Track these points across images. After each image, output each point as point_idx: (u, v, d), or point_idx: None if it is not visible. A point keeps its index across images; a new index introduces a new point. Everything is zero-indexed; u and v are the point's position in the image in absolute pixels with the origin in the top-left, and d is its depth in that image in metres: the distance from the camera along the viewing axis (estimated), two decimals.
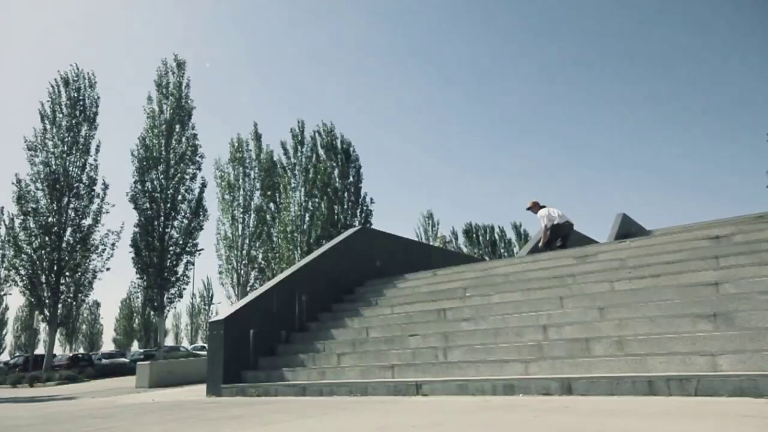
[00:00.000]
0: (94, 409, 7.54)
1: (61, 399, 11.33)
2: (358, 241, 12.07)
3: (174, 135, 27.19)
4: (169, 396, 9.12)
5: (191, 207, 26.77)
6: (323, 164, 33.14)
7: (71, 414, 6.97)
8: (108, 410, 7.18)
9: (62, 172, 26.51)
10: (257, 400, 7.28)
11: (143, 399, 8.79)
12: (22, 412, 7.92)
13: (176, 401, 7.90)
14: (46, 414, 7.27)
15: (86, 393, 12.80)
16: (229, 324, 8.70)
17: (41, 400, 11.63)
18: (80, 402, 9.50)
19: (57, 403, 9.80)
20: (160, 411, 6.55)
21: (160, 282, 25.35)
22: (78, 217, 26.73)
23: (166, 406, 7.14)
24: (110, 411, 7.00)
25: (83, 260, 26.54)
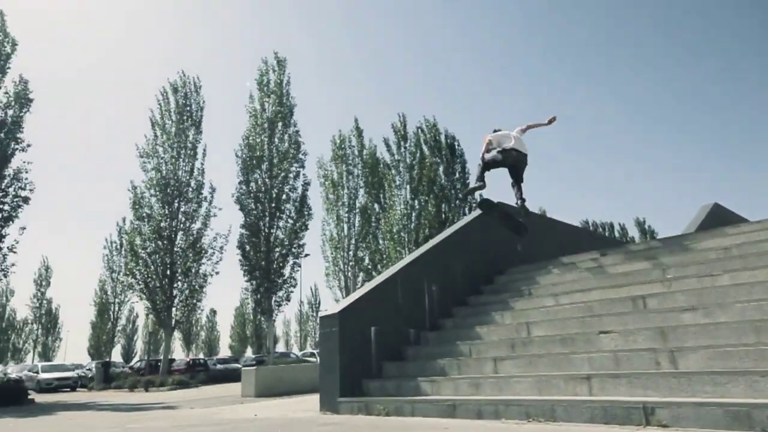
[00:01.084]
0: (182, 426, 5.84)
1: (160, 408, 10.06)
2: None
3: (276, 133, 26.42)
4: (275, 410, 7.32)
5: (295, 206, 25.76)
6: (428, 160, 31.22)
7: (156, 431, 5.36)
8: (200, 428, 5.46)
9: (172, 176, 26.64)
10: (390, 422, 5.18)
11: (244, 414, 7.05)
12: (101, 428, 6.47)
13: (283, 420, 6.04)
14: (125, 430, 5.72)
15: (191, 401, 11.52)
16: (345, 319, 6.74)
17: (142, 408, 10.45)
18: (175, 415, 7.99)
19: (151, 415, 8.38)
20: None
21: (267, 285, 24.48)
22: (188, 220, 26.72)
23: (270, 428, 5.27)
24: (201, 431, 5.25)
25: (194, 264, 26.43)
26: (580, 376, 4.83)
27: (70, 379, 28.74)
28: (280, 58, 27.76)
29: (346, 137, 31.53)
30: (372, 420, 5.45)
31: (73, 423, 7.75)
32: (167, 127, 27.57)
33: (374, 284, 7.40)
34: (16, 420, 9.55)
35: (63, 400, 16.87)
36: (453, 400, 5.34)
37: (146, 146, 27.14)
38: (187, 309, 27.21)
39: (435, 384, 5.96)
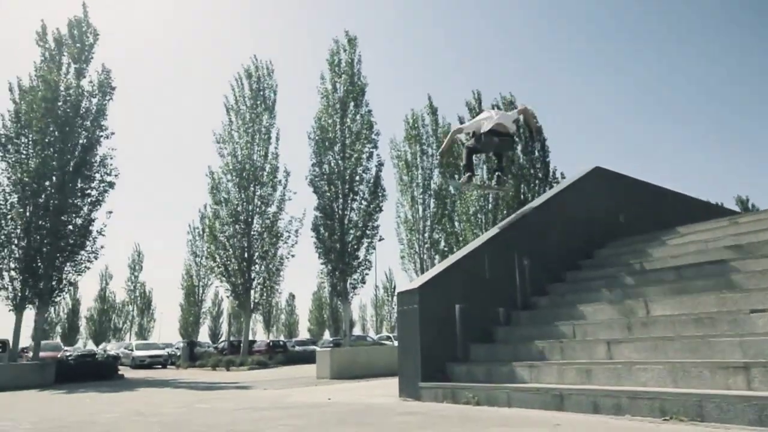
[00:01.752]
0: (251, 409, 5.30)
1: (234, 388, 9.77)
2: (591, 186, 8.55)
3: (348, 113, 25.91)
4: (349, 395, 6.68)
5: (369, 187, 25.20)
6: None
7: (218, 413, 4.83)
8: (265, 413, 4.88)
9: (247, 161, 26.87)
10: (484, 413, 4.34)
11: (317, 398, 6.45)
12: (169, 405, 6.09)
13: (358, 405, 5.36)
14: (191, 409, 5.25)
15: (266, 381, 11.23)
16: (427, 295, 5.93)
17: (216, 387, 10.23)
18: (246, 396, 7.57)
19: (223, 394, 8.02)
20: (333, 425, 3.97)
21: (342, 267, 24.17)
22: (264, 204, 26.89)
23: (343, 415, 4.59)
24: (265, 415, 4.66)
25: (271, 247, 26.64)
26: (733, 365, 3.76)
27: (161, 356, 30.10)
28: (351, 37, 27.15)
29: (419, 116, 30.58)
30: (461, 410, 4.64)
31: (147, 400, 7.51)
32: (241, 112, 27.79)
33: (458, 257, 6.55)
34: (100, 395, 9.59)
35: (149, 376, 17.36)
36: (559, 390, 4.42)
37: (222, 132, 27.49)
38: (266, 291, 27.58)
39: (534, 370, 5.05)
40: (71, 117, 19.71)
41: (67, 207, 19.14)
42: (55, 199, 19.02)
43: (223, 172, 27.00)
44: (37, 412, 6.11)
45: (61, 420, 4.73)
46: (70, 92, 20.06)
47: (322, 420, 4.23)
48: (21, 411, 6.43)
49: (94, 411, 5.77)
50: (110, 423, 4.46)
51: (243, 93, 28.14)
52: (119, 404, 6.93)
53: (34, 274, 18.86)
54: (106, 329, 63.90)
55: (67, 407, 6.75)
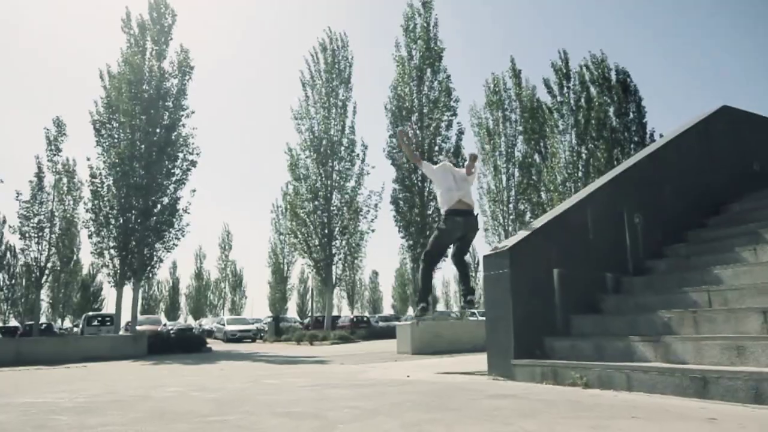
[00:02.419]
0: (320, 386, 4.69)
1: (311, 362, 9.37)
2: (718, 129, 7.13)
3: (425, 81, 24.91)
4: (431, 371, 5.93)
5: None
6: (597, 100, 27.58)
7: (284, 389, 4.26)
8: (333, 391, 4.24)
9: (325, 136, 26.64)
10: (600, 399, 3.41)
11: (395, 374, 5.76)
12: (237, 379, 5.64)
13: (440, 384, 4.58)
14: (257, 384, 4.74)
15: (345, 356, 10.79)
16: (519, 258, 5.00)
17: (294, 361, 9.91)
18: (321, 371, 7.06)
19: (298, 369, 7.57)
20: (408, 408, 3.22)
21: (423, 241, 23.47)
22: (342, 179, 26.63)
23: (421, 396, 3.84)
24: (332, 394, 4.02)
25: (351, 222, 26.42)
26: None
27: (250, 331, 31.08)
28: (426, 0, 25.91)
29: (501, 80, 28.86)
30: (568, 393, 3.73)
31: (219, 373, 7.21)
32: (317, 87, 27.51)
33: (556, 213, 5.55)
34: (181, 366, 9.55)
35: (235, 350, 17.64)
36: (701, 372, 3.39)
37: (299, 108, 27.39)
38: (347, 266, 27.58)
39: (659, 346, 4.03)
40: (154, 98, 20.23)
41: (155, 186, 19.77)
42: (143, 179, 19.67)
43: (301, 148, 27.00)
44: (105, 383, 5.89)
45: (118, 393, 4.35)
46: (152, 74, 20.57)
47: (395, 402, 3.50)
48: (91, 381, 6.29)
49: (159, 384, 5.44)
50: (165, 398, 3.99)
51: (318, 67, 27.84)
52: (189, 376, 6.65)
53: (128, 252, 19.72)
54: (203, 305, 67.50)
55: (136, 379, 6.54)
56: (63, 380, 6.21)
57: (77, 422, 2.99)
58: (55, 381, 6.23)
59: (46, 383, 6.38)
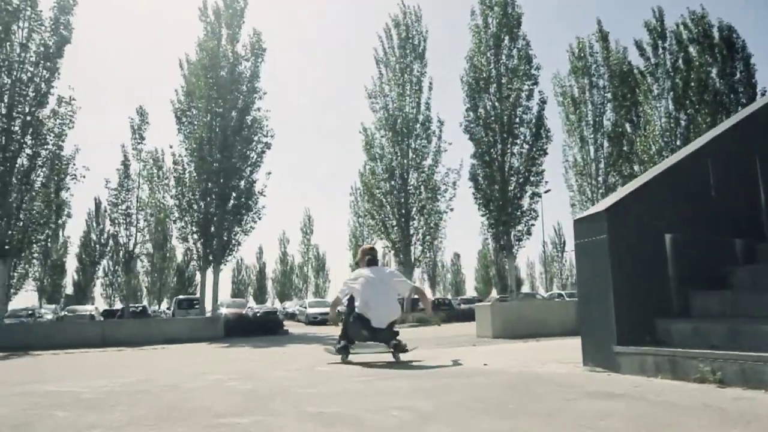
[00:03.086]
0: (374, 377, 4.00)
1: None
2: None
3: (503, 49, 23.39)
4: (513, 357, 5.07)
5: (530, 129, 22.66)
6: (697, 59, 24.93)
7: (333, 380, 3.62)
8: (389, 383, 3.52)
9: (400, 114, 25.90)
10: (749, 403, 2.42)
11: (470, 361, 4.97)
12: (291, 365, 5.08)
13: (524, 376, 3.73)
14: (308, 373, 4.14)
15: (421, 340, 10.04)
16: (619, 220, 3.99)
17: None
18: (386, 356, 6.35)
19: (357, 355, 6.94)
20: (478, 411, 2.42)
21: (505, 218, 22.23)
22: (418, 157, 25.83)
23: (498, 392, 3.02)
24: (386, 387, 3.30)
25: (428, 201, 25.63)
26: None
27: None
28: None
29: (586, 44, 26.62)
30: (698, 394, 2.77)
31: (280, 358, 6.82)
32: (391, 64, 26.76)
33: (667, 166, 4.45)
34: (247, 349, 9.29)
35: (312, 332, 17.51)
36: None
37: (373, 86, 26.81)
38: (426, 247, 26.82)
39: None
40: (228, 82, 20.39)
41: (231, 170, 19.98)
42: (219, 163, 19.92)
43: (376, 127, 26.46)
44: (147, 369, 5.56)
45: (149, 383, 3.90)
46: (226, 58, 20.73)
47: (462, 401, 2.72)
48: (136, 367, 6.04)
49: (202, 371, 5.03)
50: (192, 390, 3.50)
51: (392, 44, 27.05)
52: (244, 362, 6.24)
53: (209, 236, 20.13)
54: (288, 289, 69.49)
55: (188, 364, 6.23)
56: (111, 365, 6.02)
57: (69, 422, 2.50)
58: (102, 365, 6.02)
59: (94, 367, 6.19)
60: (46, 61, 16.19)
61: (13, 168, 15.49)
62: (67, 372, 5.46)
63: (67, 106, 16.45)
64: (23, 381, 4.69)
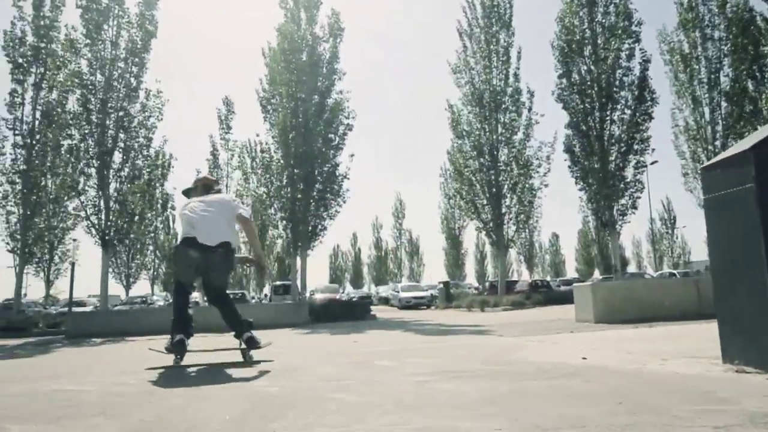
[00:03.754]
0: (439, 373, 3.24)
1: (467, 332, 7.91)
2: None
3: (598, 6, 21.26)
4: (620, 349, 4.07)
5: (632, 92, 20.45)
6: None
7: (379, 379, 2.91)
8: (447, 386, 2.75)
9: (487, 87, 24.54)
10: None
11: (565, 355, 4.04)
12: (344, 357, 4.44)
13: (638, 379, 2.78)
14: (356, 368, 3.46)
15: (511, 325, 9.15)
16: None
17: (447, 331, 8.57)
18: (467, 344, 5.60)
19: (447, 341, 6.18)
20: None
21: (606, 191, 20.31)
22: (508, 132, 24.38)
23: (603, 405, 2.13)
24: (438, 397, 2.52)
25: (520, 178, 24.16)
26: None
27: (424, 298, 30.70)
28: None
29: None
30: None
31: (346, 346, 6.20)
32: (476, 35, 25.39)
33: None
34: (322, 336, 8.87)
35: (400, 317, 16.94)
36: None
37: (458, 61, 25.61)
38: (520, 227, 25.41)
39: None
40: (308, 65, 20.18)
41: (314, 154, 19.83)
42: (303, 147, 19.82)
43: (462, 103, 25.31)
44: None
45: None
46: (305, 41, 20.53)
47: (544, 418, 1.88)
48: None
49: None
50: (198, 396, 2.87)
51: (475, 14, 25.61)
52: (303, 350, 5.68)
53: (296, 222, 20.18)
54: (383, 274, 69.98)
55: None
56: (150, 355, 5.67)
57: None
58: (136, 359, 5.68)
59: (126, 360, 5.92)
60: (134, 57, 16.74)
61: (109, 162, 16.23)
62: (77, 368, 5.17)
63: (155, 99, 16.96)
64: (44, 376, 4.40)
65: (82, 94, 16.07)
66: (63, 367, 5.16)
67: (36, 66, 20.23)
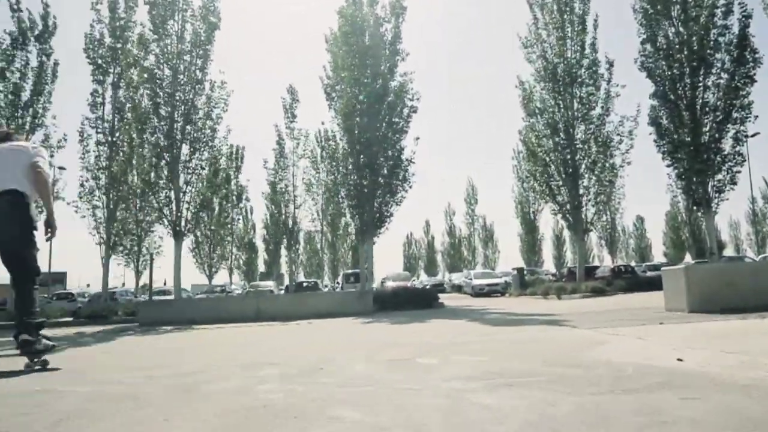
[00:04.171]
0: (491, 376, 2.55)
1: (536, 323, 7.05)
2: None
3: None
4: (726, 346, 3.18)
5: (730, 53, 18.23)
6: None
7: (408, 387, 2.30)
8: (490, 401, 2.06)
9: (560, 61, 22.96)
10: None
11: (652, 354, 3.20)
12: (384, 355, 3.84)
13: (764, 393, 1.97)
14: (394, 368, 2.86)
15: (589, 314, 8.21)
16: None
17: (516, 321, 7.75)
18: (533, 338, 4.83)
19: (500, 334, 5.45)
20: None
21: (698, 166, 18.31)
22: (585, 107, 22.73)
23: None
24: (479, 414, 1.86)
25: (599, 156, 22.51)
26: None
27: (498, 285, 29.63)
28: None
29: None
30: None
31: (402, 337, 5.60)
32: (548, 5, 23.78)
33: None
34: (382, 325, 8.33)
35: (469, 305, 16.17)
36: None
37: (528, 34, 24.18)
38: (600, 209, 23.73)
39: None
40: (370, 47, 19.63)
41: (379, 139, 19.30)
42: (367, 132, 19.36)
43: (534, 79, 23.87)
44: (218, 356, 4.71)
45: (189, 376, 2.91)
46: (366, 23, 19.98)
47: None
48: (211, 351, 5.22)
49: (269, 361, 3.97)
50: (207, 394, 2.36)
51: None
52: (348, 341, 5.15)
53: (362, 209, 19.81)
54: (457, 261, 68.86)
55: (282, 348, 5.26)
56: (190, 348, 5.35)
57: None
58: (178, 349, 5.35)
59: (173, 351, 5.59)
60: (199, 49, 16.89)
61: (178, 155, 16.52)
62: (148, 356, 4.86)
63: (220, 90, 17.06)
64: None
65: (151, 88, 16.40)
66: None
67: (114, 66, 21.13)
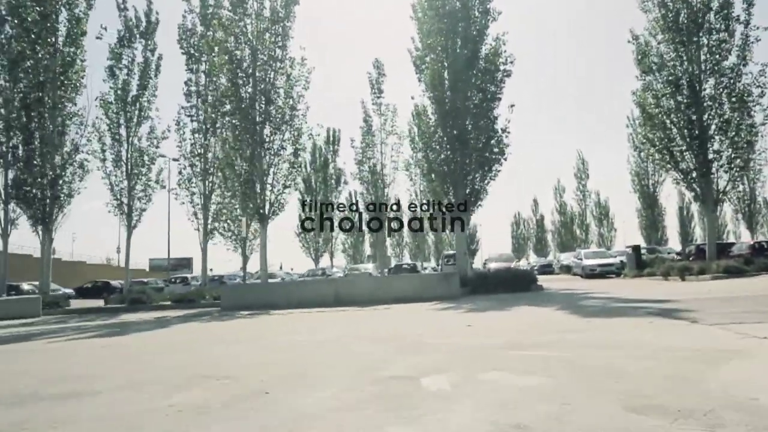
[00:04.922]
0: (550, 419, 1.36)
1: (643, 313, 5.48)
2: None
3: None
4: None
5: None
6: None
7: None
8: None
9: (683, 6, 19.83)
10: None
11: None
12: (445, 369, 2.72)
13: None
14: None
15: (720, 300, 6.46)
16: None
17: (619, 311, 6.19)
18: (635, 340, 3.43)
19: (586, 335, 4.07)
20: None
21: None
22: (715, 58, 19.47)
23: None
24: None
25: (734, 114, 19.25)
26: None
27: (612, 265, 26.91)
28: None
29: None
30: None
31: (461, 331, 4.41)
32: None
33: None
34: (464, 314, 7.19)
35: (571, 288, 14.36)
36: None
37: None
38: (734, 175, 20.34)
39: None
40: (458, 9, 18.09)
41: (468, 109, 17.79)
42: (455, 102, 17.93)
43: (650, 33, 20.89)
44: (233, 354, 3.86)
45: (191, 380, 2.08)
46: None
47: None
48: (241, 345, 4.34)
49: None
50: None
51: None
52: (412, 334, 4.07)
53: (452, 185, 18.50)
54: (569, 240, 64.76)
55: (330, 340, 4.30)
56: (255, 336, 4.57)
57: None
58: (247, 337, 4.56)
59: (204, 344, 4.83)
60: (277, 26, 16.46)
61: (261, 137, 16.27)
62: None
63: (300, 67, 16.54)
64: None
65: (230, 69, 16.27)
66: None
67: (206, 55, 21.54)
